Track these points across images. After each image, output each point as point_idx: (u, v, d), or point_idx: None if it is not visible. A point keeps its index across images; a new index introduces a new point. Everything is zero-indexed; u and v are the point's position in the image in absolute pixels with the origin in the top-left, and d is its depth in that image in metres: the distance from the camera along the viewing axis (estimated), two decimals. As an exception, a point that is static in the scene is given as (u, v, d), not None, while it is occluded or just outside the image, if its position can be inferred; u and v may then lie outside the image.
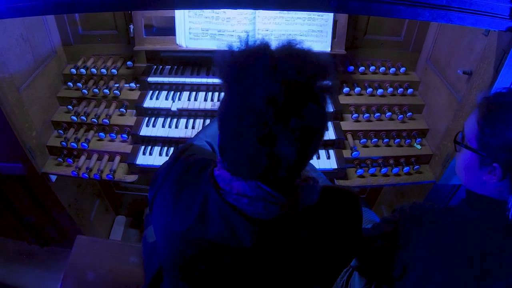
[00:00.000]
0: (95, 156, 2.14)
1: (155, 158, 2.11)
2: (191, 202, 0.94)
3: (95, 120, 2.14)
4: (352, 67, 2.34)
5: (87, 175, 2.06)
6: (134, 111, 2.26)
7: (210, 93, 2.29)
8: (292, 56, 0.82)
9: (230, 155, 0.90)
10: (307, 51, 0.85)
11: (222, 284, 0.98)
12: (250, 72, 0.81)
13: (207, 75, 2.30)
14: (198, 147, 1.18)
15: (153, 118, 2.22)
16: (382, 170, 2.12)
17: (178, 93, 2.29)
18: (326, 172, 2.08)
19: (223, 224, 0.90)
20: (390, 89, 2.33)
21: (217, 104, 2.18)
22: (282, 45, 0.85)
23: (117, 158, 2.14)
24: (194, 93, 2.29)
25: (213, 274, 0.97)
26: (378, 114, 2.27)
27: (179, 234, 0.95)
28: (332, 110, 2.22)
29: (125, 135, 2.19)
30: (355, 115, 2.27)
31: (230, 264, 0.94)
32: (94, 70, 2.24)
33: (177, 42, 2.18)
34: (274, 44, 0.86)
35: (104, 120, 2.14)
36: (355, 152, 2.11)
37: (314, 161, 2.09)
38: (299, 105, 0.79)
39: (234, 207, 0.89)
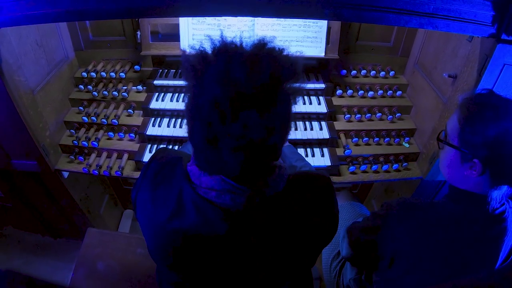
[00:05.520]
0: (104, 154, 2.14)
1: (160, 156, 2.10)
2: (167, 197, 0.95)
3: (104, 120, 2.14)
4: (344, 71, 2.35)
5: (97, 172, 2.07)
6: (141, 112, 2.26)
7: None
8: (251, 59, 0.78)
9: (193, 150, 0.91)
10: (273, 55, 0.81)
11: (205, 270, 0.99)
12: (206, 75, 0.78)
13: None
14: (170, 149, 1.18)
15: (158, 119, 2.22)
16: (373, 167, 2.12)
17: (182, 95, 2.28)
18: (320, 169, 2.08)
19: (197, 215, 0.90)
20: (380, 91, 2.33)
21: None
22: (251, 47, 0.81)
23: (125, 156, 2.15)
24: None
25: (195, 262, 0.97)
26: (369, 114, 2.27)
27: (160, 227, 0.95)
28: (326, 111, 2.22)
29: (132, 135, 2.19)
30: (348, 115, 2.27)
31: (209, 252, 0.94)
32: (103, 73, 2.24)
33: (182, 47, 2.18)
34: (249, 44, 0.82)
35: (113, 120, 2.14)
36: (347, 150, 2.11)
37: (309, 159, 2.10)
38: (241, 113, 0.75)
39: (205, 199, 0.90)
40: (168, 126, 2.19)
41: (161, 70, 2.37)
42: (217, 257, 0.95)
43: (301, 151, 2.13)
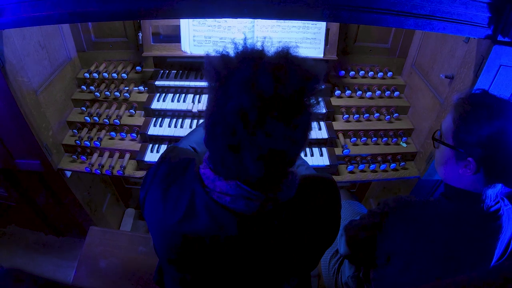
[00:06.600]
0: (106, 154, 2.15)
1: (162, 155, 2.10)
2: (178, 198, 0.94)
3: (106, 120, 2.14)
4: (343, 72, 2.35)
5: (99, 171, 2.07)
6: (143, 112, 2.27)
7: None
8: (278, 69, 0.76)
9: (210, 154, 0.90)
10: (298, 64, 0.79)
11: (214, 272, 0.99)
12: (231, 81, 0.76)
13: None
14: (181, 149, 1.16)
15: (160, 119, 2.22)
16: (371, 166, 2.12)
17: (183, 95, 2.29)
18: (319, 168, 2.08)
19: (209, 218, 0.89)
20: (378, 92, 2.33)
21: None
22: (275, 54, 0.79)
23: (127, 155, 2.15)
24: (197, 95, 2.29)
25: (203, 263, 0.97)
26: (367, 115, 2.27)
27: (171, 228, 0.94)
28: (325, 111, 2.23)
29: (134, 134, 2.19)
30: (346, 116, 2.27)
31: (217, 254, 0.94)
32: (105, 74, 2.24)
33: (182, 48, 2.18)
34: (270, 50, 0.80)
35: (115, 120, 2.14)
36: (346, 150, 2.11)
37: (308, 159, 2.10)
38: (268, 122, 0.74)
39: (219, 204, 0.89)
40: (169, 126, 2.19)
41: (162, 71, 2.37)
42: (225, 259, 0.94)
43: (300, 150, 2.13)
